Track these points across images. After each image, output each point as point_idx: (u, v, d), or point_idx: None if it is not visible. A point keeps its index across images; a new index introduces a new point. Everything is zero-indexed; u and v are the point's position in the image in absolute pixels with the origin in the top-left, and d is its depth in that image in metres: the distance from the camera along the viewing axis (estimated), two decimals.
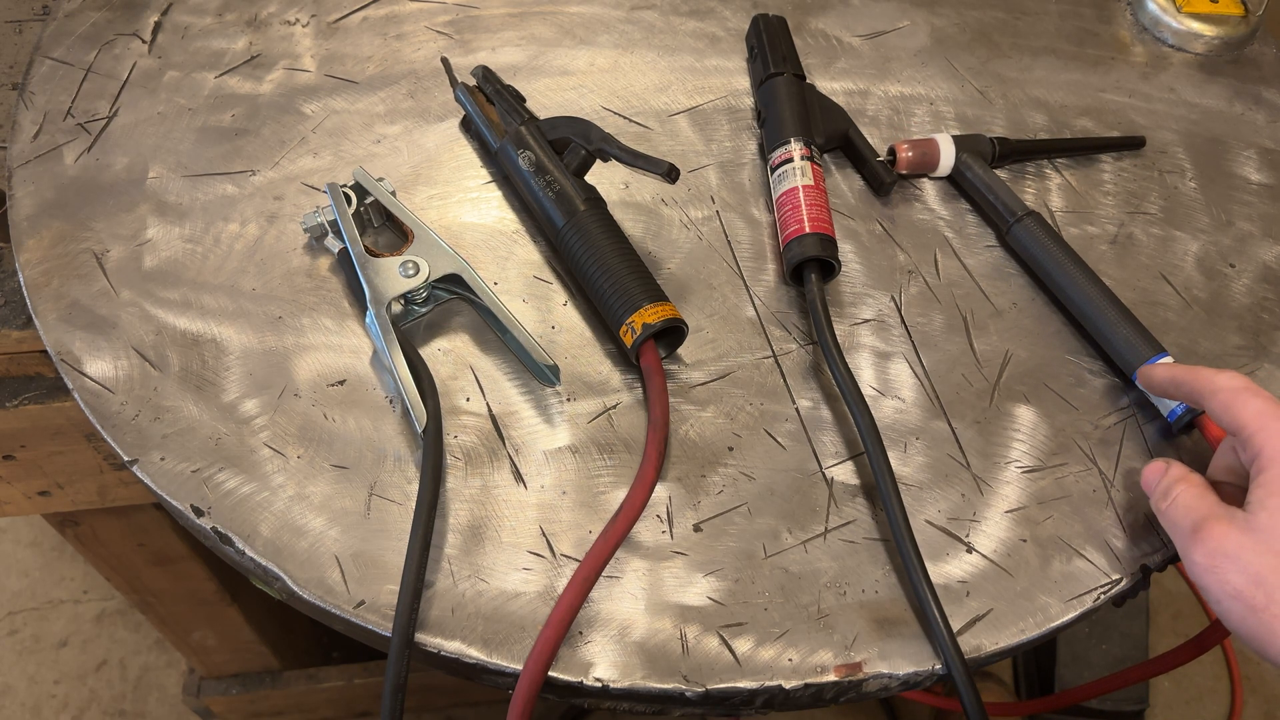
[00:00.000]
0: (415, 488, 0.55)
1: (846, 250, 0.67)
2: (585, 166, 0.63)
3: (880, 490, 0.55)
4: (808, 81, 0.73)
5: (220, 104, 0.70)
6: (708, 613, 0.53)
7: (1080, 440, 0.60)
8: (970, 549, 0.56)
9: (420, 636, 0.51)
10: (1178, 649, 0.69)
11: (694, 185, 0.69)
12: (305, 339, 0.60)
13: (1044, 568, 0.56)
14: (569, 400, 0.59)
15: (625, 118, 0.73)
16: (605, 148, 0.62)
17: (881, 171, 0.69)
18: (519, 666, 0.50)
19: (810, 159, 0.66)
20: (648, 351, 0.58)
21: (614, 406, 0.59)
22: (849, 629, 0.53)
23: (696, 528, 0.55)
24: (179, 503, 0.54)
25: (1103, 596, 0.55)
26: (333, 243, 0.62)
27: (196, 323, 0.61)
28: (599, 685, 0.50)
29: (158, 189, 0.66)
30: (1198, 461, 0.60)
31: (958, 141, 0.70)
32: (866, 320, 0.64)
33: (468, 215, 0.67)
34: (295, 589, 0.52)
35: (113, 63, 0.72)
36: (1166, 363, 0.59)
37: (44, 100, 0.70)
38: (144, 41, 0.73)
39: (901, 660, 0.52)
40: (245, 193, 0.66)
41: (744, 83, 0.75)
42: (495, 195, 0.68)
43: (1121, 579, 0.56)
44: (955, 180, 0.71)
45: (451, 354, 0.61)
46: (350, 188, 0.63)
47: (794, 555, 0.55)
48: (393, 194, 0.64)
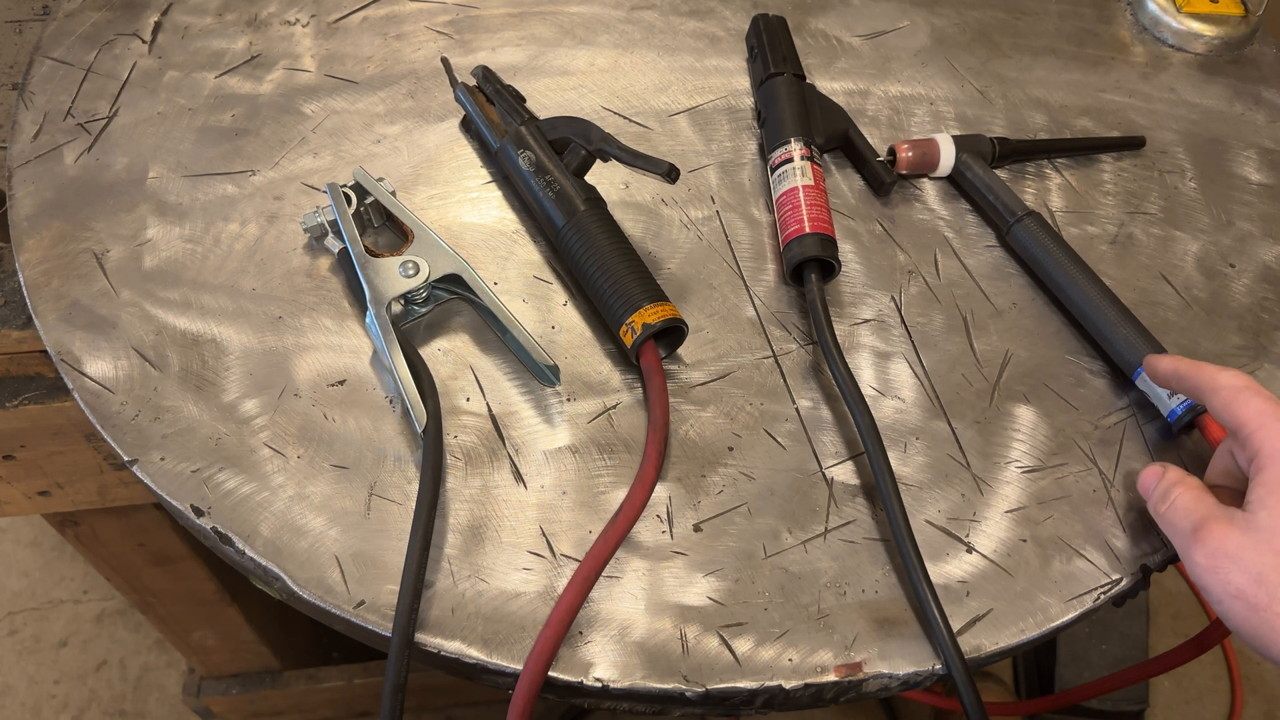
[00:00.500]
0: (415, 488, 0.55)
1: (846, 250, 0.67)
2: (585, 166, 0.63)
3: (880, 490, 0.55)
4: (808, 81, 0.73)
5: (220, 104, 0.70)
6: (708, 613, 0.53)
7: (1080, 440, 0.60)
8: (970, 549, 0.56)
9: (420, 636, 0.51)
10: (1178, 649, 0.69)
11: (694, 185, 0.69)
12: (305, 339, 0.60)
13: (1044, 568, 0.56)
14: (569, 400, 0.59)
15: (625, 118, 0.73)
16: (605, 148, 0.62)
17: (881, 171, 0.69)
18: (519, 666, 0.50)
19: (810, 159, 0.66)
20: (648, 351, 0.58)
21: (614, 406, 0.59)
22: (849, 629, 0.53)
23: (696, 528, 0.55)
24: (179, 503, 0.54)
25: (1103, 596, 0.55)
26: (333, 243, 0.62)
27: (196, 323, 0.61)
28: (599, 685, 0.50)
29: (158, 189, 0.66)
30: (1197, 462, 0.60)
31: (958, 141, 0.70)
32: (866, 320, 0.64)
33: (468, 215, 0.67)
34: (295, 589, 0.52)
35: (113, 63, 0.72)
36: (1172, 355, 0.59)
37: (44, 100, 0.70)
38: (144, 41, 0.73)
39: (901, 660, 0.52)
40: (245, 193, 0.66)
41: (744, 83, 0.75)
42: (495, 195, 0.68)
43: (1121, 579, 0.56)
44: (955, 180, 0.71)
45: (451, 354, 0.61)
46: (350, 188, 0.63)
47: (794, 555, 0.55)
48: (393, 194, 0.64)
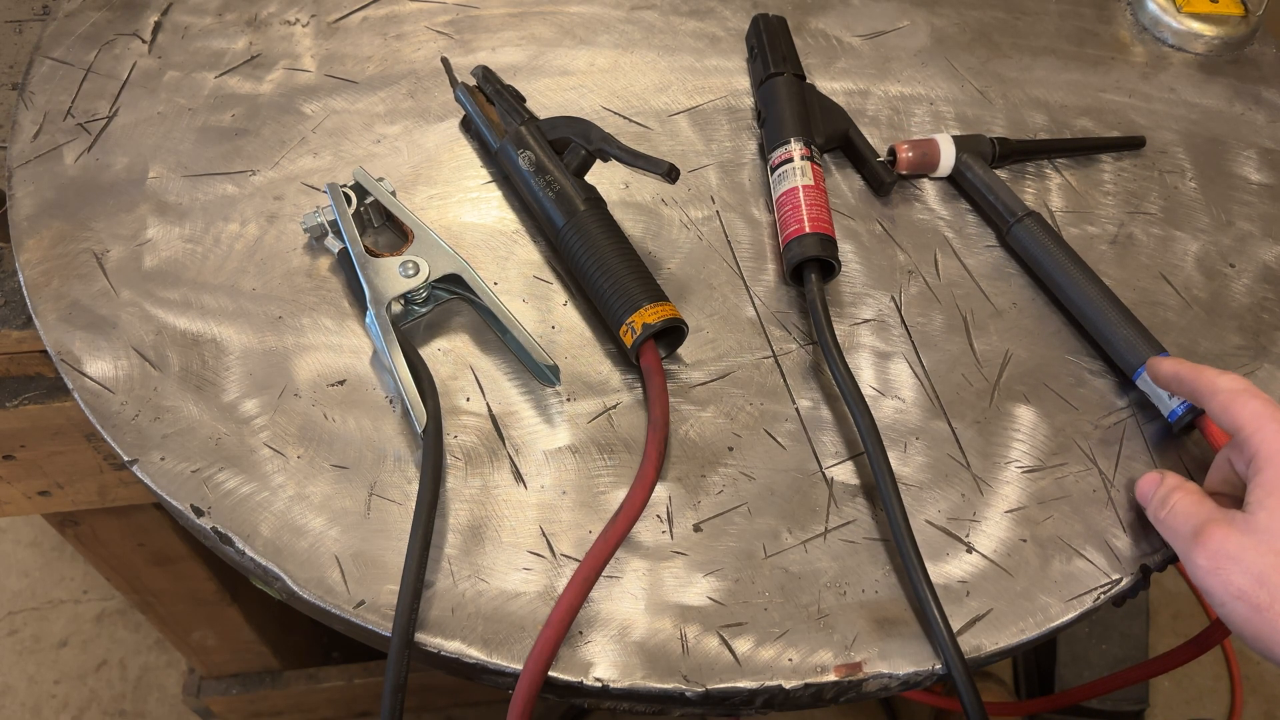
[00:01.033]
0: (415, 488, 0.55)
1: (846, 250, 0.67)
2: (585, 166, 0.63)
3: (880, 490, 0.55)
4: (808, 81, 0.73)
5: (220, 104, 0.70)
6: (708, 613, 0.53)
7: (1080, 440, 0.60)
8: (970, 549, 0.56)
9: (420, 636, 0.51)
10: (1178, 649, 0.69)
11: (694, 185, 0.69)
12: (305, 339, 0.60)
13: (1044, 568, 0.56)
14: (569, 400, 0.59)
15: (625, 118, 0.73)
16: (605, 148, 0.62)
17: (881, 171, 0.69)
18: (519, 666, 0.50)
19: (810, 159, 0.66)
20: (648, 351, 0.58)
21: (614, 406, 0.59)
22: (849, 629, 0.53)
23: (696, 528, 0.55)
24: (179, 503, 0.54)
25: (1103, 596, 0.55)
26: (333, 243, 0.62)
27: (196, 323, 0.61)
28: (599, 685, 0.50)
29: (158, 189, 0.66)
30: (1197, 464, 0.60)
31: (958, 142, 0.70)
32: (866, 320, 0.64)
33: (468, 215, 0.67)
34: (295, 589, 0.52)
35: (113, 63, 0.72)
36: (1173, 358, 0.59)
37: (44, 100, 0.70)
38: (144, 41, 0.73)
39: (901, 660, 0.52)
40: (245, 193, 0.66)
41: (744, 83, 0.75)
42: (495, 195, 0.68)
43: (1121, 579, 0.56)
44: (955, 180, 0.71)
45: (451, 354, 0.61)
46: (350, 188, 0.63)
47: (794, 555, 0.55)
48: (393, 194, 0.64)
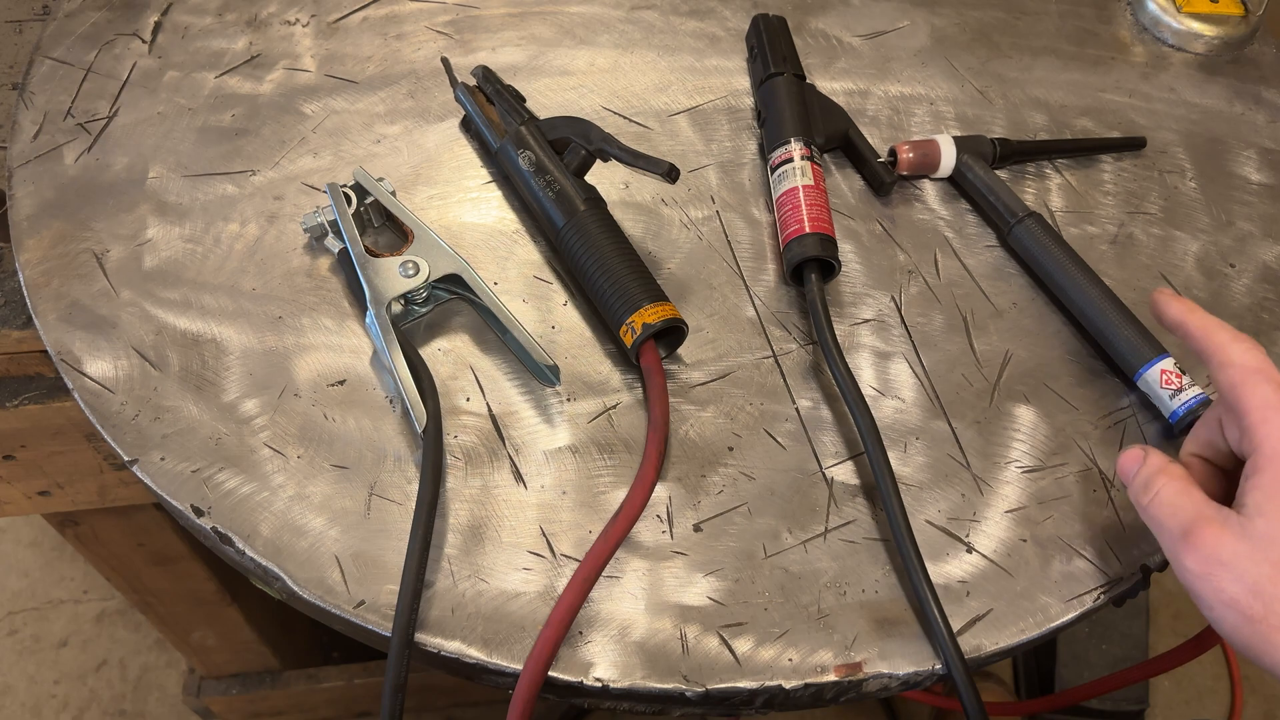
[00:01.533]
0: (415, 488, 0.55)
1: (846, 250, 0.67)
2: (585, 166, 0.63)
3: (880, 490, 0.55)
4: (808, 81, 0.73)
5: (220, 104, 0.70)
6: (708, 613, 0.53)
7: (1080, 440, 0.60)
8: (970, 549, 0.56)
9: (420, 636, 0.51)
10: (1178, 649, 0.69)
11: (694, 185, 0.69)
12: (305, 339, 0.60)
13: (1044, 568, 0.56)
14: (569, 400, 0.59)
15: (625, 118, 0.73)
16: (605, 148, 0.62)
17: (881, 171, 0.69)
18: (519, 666, 0.50)
19: (810, 159, 0.66)
20: (648, 351, 0.58)
21: (614, 406, 0.59)
22: (849, 629, 0.53)
23: (696, 528, 0.55)
24: (179, 503, 0.54)
25: (1103, 596, 0.55)
26: (333, 243, 0.62)
27: (196, 323, 0.61)
28: (599, 685, 0.50)
29: (158, 189, 0.66)
30: None
31: (959, 142, 0.70)
32: (866, 320, 0.64)
33: (468, 215, 0.67)
34: (295, 589, 0.52)
35: (113, 63, 0.72)
36: (1183, 300, 0.53)
37: (44, 100, 0.70)
38: (144, 41, 0.73)
39: (901, 660, 0.52)
40: (245, 193, 0.66)
41: (744, 83, 0.75)
42: (495, 195, 0.68)
43: (1121, 579, 0.56)
44: (956, 181, 0.71)
45: (451, 354, 0.61)
46: (350, 188, 0.63)
47: (794, 555, 0.55)
48: (393, 194, 0.64)
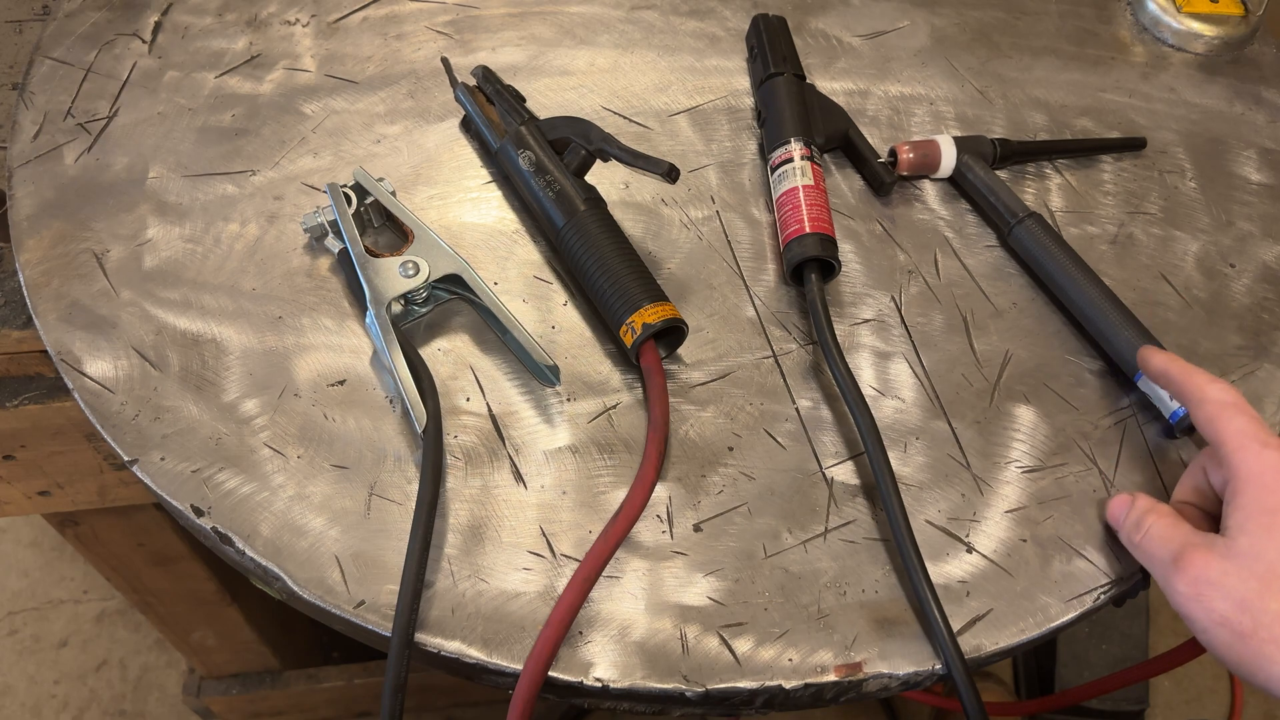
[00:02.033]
0: (415, 488, 0.55)
1: (846, 250, 0.67)
2: (585, 166, 0.63)
3: (880, 490, 0.55)
4: (808, 81, 0.73)
5: (220, 104, 0.70)
6: (708, 613, 0.53)
7: (1080, 440, 0.60)
8: (970, 549, 0.56)
9: (420, 636, 0.51)
10: (1178, 649, 0.69)
11: (694, 185, 0.69)
12: (305, 339, 0.60)
13: (1044, 568, 0.56)
14: (569, 400, 0.59)
15: (625, 118, 0.73)
16: (605, 148, 0.62)
17: (881, 171, 0.69)
18: (519, 666, 0.50)
19: (810, 159, 0.66)
20: (648, 351, 0.58)
21: (614, 406, 0.59)
22: (849, 629, 0.53)
23: (696, 528, 0.55)
24: (179, 503, 0.54)
25: (1103, 596, 0.55)
26: (333, 243, 0.62)
27: (196, 323, 0.61)
28: (599, 685, 0.50)
29: (158, 189, 0.66)
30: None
31: (959, 143, 0.70)
32: (866, 320, 0.64)
33: (468, 215, 0.67)
34: (295, 589, 0.52)
35: (113, 63, 0.72)
36: (1165, 353, 0.58)
37: (44, 100, 0.70)
38: (144, 41, 0.73)
39: (901, 660, 0.52)
40: (245, 193, 0.66)
41: (744, 83, 0.75)
42: (495, 195, 0.68)
43: (1121, 579, 0.56)
44: (956, 181, 0.71)
45: (451, 354, 0.61)
46: (350, 188, 0.63)
47: (794, 555, 0.55)
48: (393, 194, 0.64)
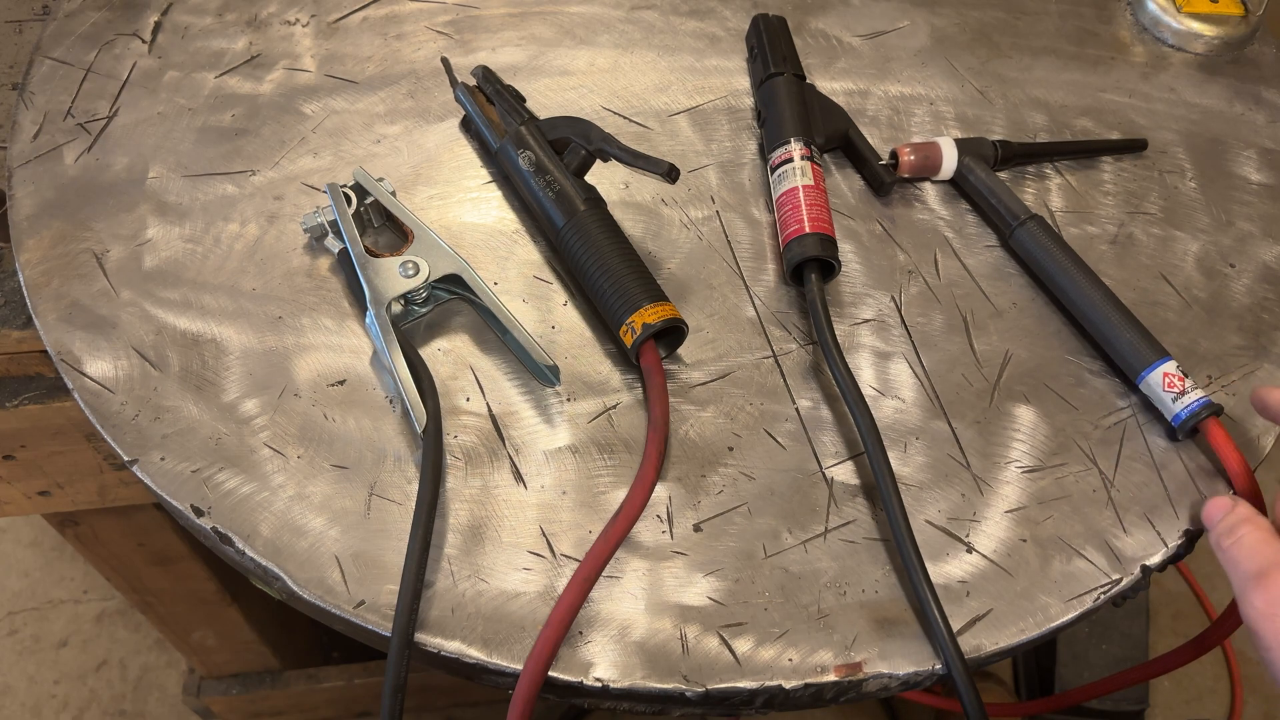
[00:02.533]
0: (415, 488, 0.55)
1: (846, 250, 0.67)
2: (585, 166, 0.63)
3: (880, 490, 0.55)
4: (808, 81, 0.73)
5: (220, 104, 0.70)
6: (708, 613, 0.53)
7: (1080, 440, 0.60)
8: (970, 549, 0.56)
9: (420, 636, 0.51)
10: (1178, 649, 0.69)
11: (694, 185, 0.69)
12: (305, 339, 0.60)
13: (1044, 568, 0.56)
14: (569, 400, 0.59)
15: (625, 118, 0.73)
16: (605, 148, 0.62)
17: (881, 171, 0.69)
18: (519, 666, 0.50)
19: (810, 159, 0.66)
20: (648, 351, 0.58)
21: (614, 406, 0.59)
22: (849, 629, 0.53)
23: (696, 528, 0.55)
24: (179, 503, 0.54)
25: (1103, 596, 0.55)
26: (333, 243, 0.62)
27: (196, 323, 0.61)
28: (599, 685, 0.50)
29: (158, 189, 0.66)
30: (1199, 468, 0.60)
31: (960, 145, 0.70)
32: (866, 320, 0.64)
33: (468, 215, 0.67)
34: (295, 589, 0.52)
35: (113, 63, 0.72)
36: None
37: (44, 100, 0.70)
38: (144, 41, 0.73)
39: (901, 660, 0.52)
40: (245, 193, 0.66)
41: (744, 83, 0.75)
42: (495, 195, 0.68)
43: (1121, 579, 0.56)
44: (957, 183, 0.71)
45: (451, 354, 0.61)
46: (350, 188, 0.63)
47: (794, 555, 0.55)
48: (393, 194, 0.64)
